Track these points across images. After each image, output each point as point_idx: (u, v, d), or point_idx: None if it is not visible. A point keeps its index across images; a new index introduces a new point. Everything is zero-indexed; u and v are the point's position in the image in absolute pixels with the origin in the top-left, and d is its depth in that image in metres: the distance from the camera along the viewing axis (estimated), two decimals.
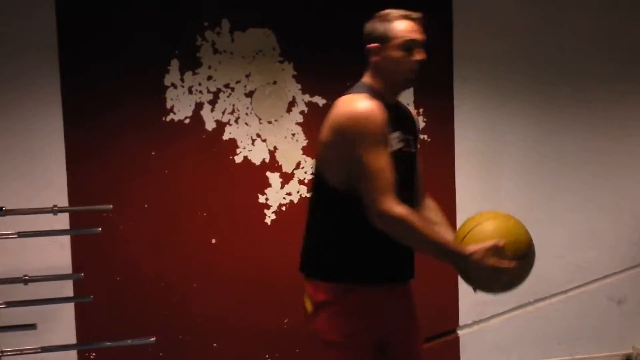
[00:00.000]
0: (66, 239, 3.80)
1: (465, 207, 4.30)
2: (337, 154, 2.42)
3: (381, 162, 2.34)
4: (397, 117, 2.53)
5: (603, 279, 4.54)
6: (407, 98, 4.12)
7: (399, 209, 2.31)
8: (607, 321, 4.58)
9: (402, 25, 2.48)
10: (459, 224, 4.26)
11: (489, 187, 4.39)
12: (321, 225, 2.55)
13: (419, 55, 2.48)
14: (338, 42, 4.05)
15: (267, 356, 4.09)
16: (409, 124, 2.64)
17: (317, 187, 2.55)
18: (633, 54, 4.57)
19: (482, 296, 2.58)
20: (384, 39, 2.48)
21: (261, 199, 4.03)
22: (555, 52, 4.43)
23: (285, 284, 3.99)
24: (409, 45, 2.47)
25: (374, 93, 2.47)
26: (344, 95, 2.49)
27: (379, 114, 2.37)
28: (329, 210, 2.51)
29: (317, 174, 2.53)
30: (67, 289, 3.79)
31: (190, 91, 3.92)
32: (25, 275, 3.50)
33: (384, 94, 2.50)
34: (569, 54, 4.45)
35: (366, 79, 2.55)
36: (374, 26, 2.52)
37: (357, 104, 2.39)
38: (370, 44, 2.51)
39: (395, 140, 2.47)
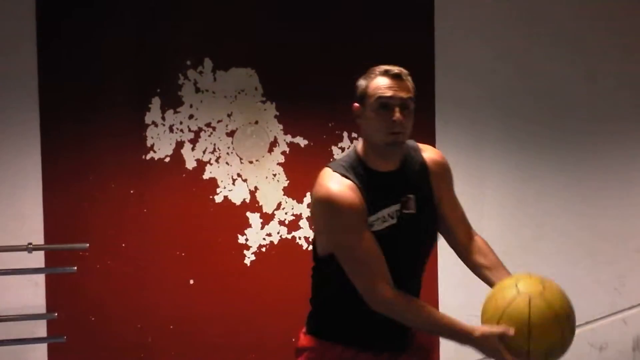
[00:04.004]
0: (41, 278, 3.73)
1: (445, 249, 4.28)
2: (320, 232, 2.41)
3: (363, 247, 2.23)
4: (386, 187, 2.35)
5: (584, 325, 4.52)
6: None
7: (389, 297, 2.22)
8: None
9: (377, 83, 2.28)
10: (439, 263, 4.22)
11: None
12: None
13: (394, 115, 2.26)
14: (321, 83, 4.06)
15: None
16: (410, 185, 2.42)
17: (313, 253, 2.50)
18: (613, 96, 4.61)
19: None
20: (362, 99, 2.32)
21: (241, 239, 3.99)
22: (535, 94, 4.46)
23: (265, 326, 3.93)
24: (382, 105, 2.26)
25: (354, 166, 2.33)
26: (326, 166, 2.37)
27: (349, 199, 2.23)
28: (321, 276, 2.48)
29: (313, 240, 2.50)
30: (40, 328, 3.70)
31: (171, 130, 3.89)
32: None
33: (369, 161, 2.35)
34: (548, 97, 4.48)
35: (359, 143, 2.40)
36: (358, 84, 2.35)
37: (327, 188, 2.26)
38: (354, 103, 2.37)
39: (377, 222, 2.31)
